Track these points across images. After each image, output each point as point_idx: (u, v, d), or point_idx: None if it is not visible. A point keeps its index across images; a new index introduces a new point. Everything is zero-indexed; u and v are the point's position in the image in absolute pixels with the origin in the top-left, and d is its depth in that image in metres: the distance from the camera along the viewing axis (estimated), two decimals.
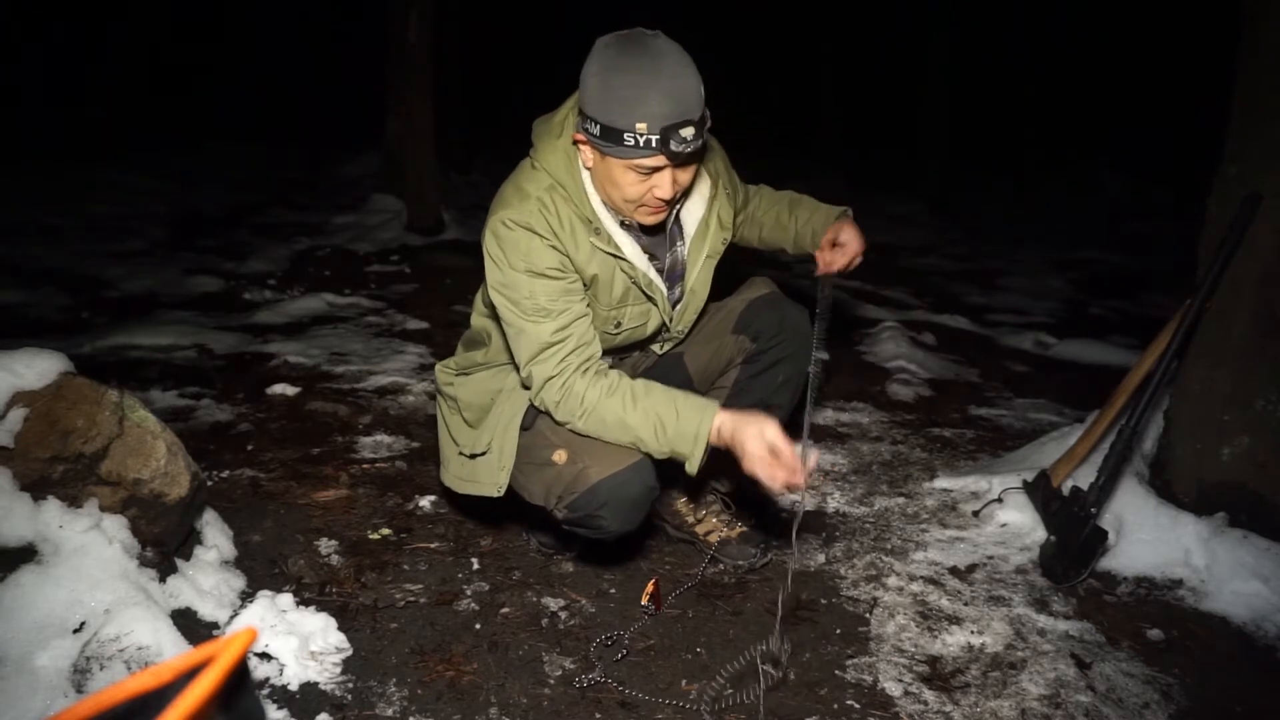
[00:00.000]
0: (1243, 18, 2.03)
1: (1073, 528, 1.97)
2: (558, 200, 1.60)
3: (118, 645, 1.39)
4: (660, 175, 1.52)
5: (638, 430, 1.59)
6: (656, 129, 1.44)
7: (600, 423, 1.61)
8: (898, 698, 1.61)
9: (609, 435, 1.62)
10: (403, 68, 5.78)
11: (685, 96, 1.45)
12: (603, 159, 1.53)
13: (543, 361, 1.60)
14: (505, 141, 2.06)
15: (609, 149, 1.49)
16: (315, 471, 2.39)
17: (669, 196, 1.55)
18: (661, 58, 1.45)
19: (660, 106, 1.43)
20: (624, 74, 1.44)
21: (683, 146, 1.45)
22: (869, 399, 3.23)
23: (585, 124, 1.51)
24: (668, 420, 1.57)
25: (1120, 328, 4.86)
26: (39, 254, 4.96)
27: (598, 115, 1.47)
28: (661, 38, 1.49)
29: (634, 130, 1.44)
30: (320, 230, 6.00)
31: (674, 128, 1.44)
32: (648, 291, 1.71)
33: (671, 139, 1.44)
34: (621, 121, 1.44)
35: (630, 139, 1.45)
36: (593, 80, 1.48)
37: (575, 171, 1.62)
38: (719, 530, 2.05)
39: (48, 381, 1.63)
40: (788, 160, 10.61)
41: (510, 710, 1.53)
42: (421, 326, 3.95)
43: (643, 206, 1.58)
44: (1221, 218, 2.01)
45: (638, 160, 1.48)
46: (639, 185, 1.53)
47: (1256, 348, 2.01)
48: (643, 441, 1.60)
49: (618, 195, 1.57)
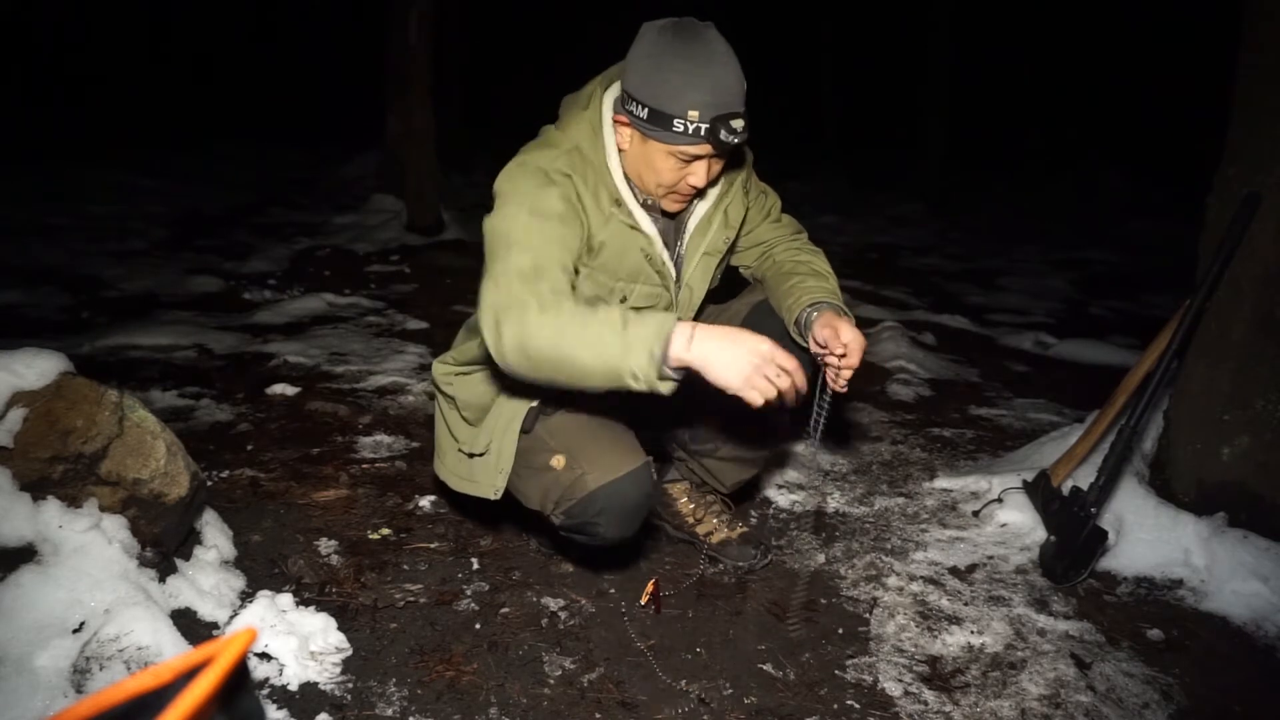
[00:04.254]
0: (1242, 17, 2.03)
1: (1073, 528, 1.97)
2: (580, 162, 1.59)
3: (117, 645, 1.39)
4: (699, 164, 1.52)
5: (594, 329, 1.38)
6: (708, 118, 1.44)
7: (556, 337, 1.39)
8: (898, 698, 1.61)
9: (563, 350, 1.39)
10: (403, 68, 5.78)
11: (735, 89, 1.47)
12: (644, 142, 1.53)
13: (505, 290, 1.44)
14: (505, 141, 2.05)
15: (654, 133, 1.49)
16: (315, 471, 2.39)
17: (702, 185, 1.55)
18: (714, 48, 1.47)
19: (713, 96, 1.44)
20: (678, 60, 1.45)
21: (731, 137, 1.46)
22: (869, 399, 3.23)
23: (629, 105, 1.51)
24: (630, 319, 1.39)
25: (1120, 328, 4.86)
26: (39, 254, 4.96)
27: (647, 99, 1.47)
28: (713, 29, 1.50)
29: (685, 117, 1.45)
30: (320, 230, 6.00)
31: (725, 118, 1.45)
32: (660, 271, 1.68)
33: (722, 129, 1.45)
34: (673, 107, 1.45)
35: (680, 125, 1.45)
36: (644, 64, 1.48)
37: (599, 146, 1.61)
38: (719, 530, 2.05)
39: (47, 381, 1.63)
40: (788, 160, 10.61)
41: (510, 710, 1.53)
42: (421, 326, 3.95)
43: (673, 193, 1.58)
44: (1221, 218, 2.01)
45: (683, 147, 1.49)
46: (675, 172, 1.54)
47: (1256, 348, 2.01)
48: (602, 342, 1.38)
49: (652, 179, 1.56)
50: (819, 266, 1.82)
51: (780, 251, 1.87)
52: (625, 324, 1.38)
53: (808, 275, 1.78)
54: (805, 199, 8.91)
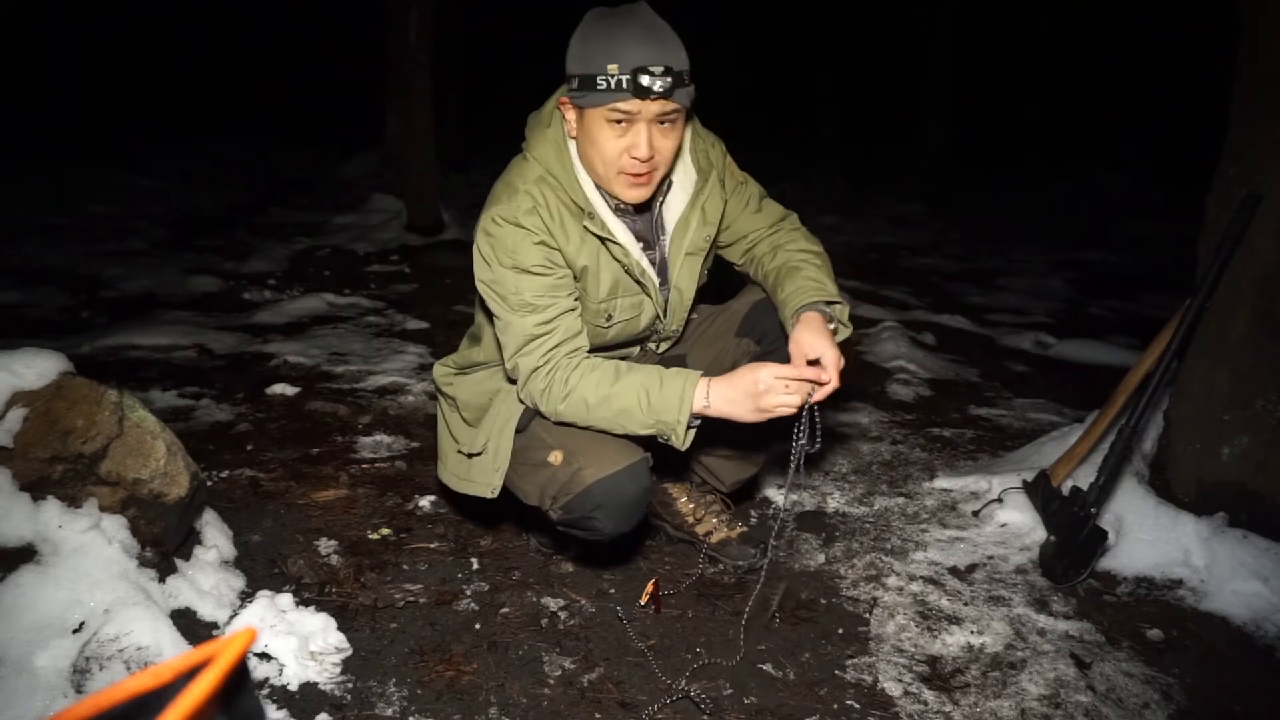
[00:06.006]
0: (1241, 17, 2.03)
1: (1073, 528, 1.97)
2: (547, 192, 1.61)
3: (117, 645, 1.39)
4: (637, 129, 1.52)
5: (622, 401, 1.57)
6: (628, 69, 1.47)
7: (583, 403, 1.59)
8: (898, 698, 1.61)
9: (594, 415, 1.60)
10: (403, 68, 5.78)
11: (659, 44, 1.49)
12: (582, 117, 1.56)
13: (528, 354, 1.61)
14: (504, 141, 2.05)
15: (585, 99, 1.52)
16: (315, 471, 2.39)
17: (645, 155, 1.53)
18: (637, 14, 1.52)
19: (632, 50, 1.47)
20: (599, 28, 1.51)
21: (653, 83, 1.47)
22: (869, 399, 3.23)
23: (568, 85, 1.55)
24: (651, 388, 1.56)
25: (1120, 328, 4.86)
26: (39, 254, 4.97)
27: (575, 69, 1.52)
28: (644, 4, 1.54)
29: (605, 72, 1.48)
30: (320, 230, 6.00)
31: (643, 67, 1.46)
32: (640, 279, 1.70)
33: (643, 76, 1.46)
34: (594, 66, 1.49)
35: (603, 82, 1.48)
36: (573, 41, 1.54)
37: (566, 159, 1.64)
38: (719, 530, 2.05)
39: (47, 381, 1.63)
40: (788, 160, 10.61)
41: (510, 710, 1.53)
42: (421, 326, 3.95)
43: (622, 174, 1.58)
44: (1221, 218, 2.01)
45: (613, 105, 1.50)
46: (615, 142, 1.54)
47: (1256, 348, 2.01)
48: (628, 414, 1.58)
49: (598, 159, 1.57)
50: (800, 261, 1.78)
51: (763, 247, 1.86)
52: (648, 396, 1.56)
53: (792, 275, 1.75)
54: (805, 199, 8.90)
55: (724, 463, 2.03)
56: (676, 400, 1.55)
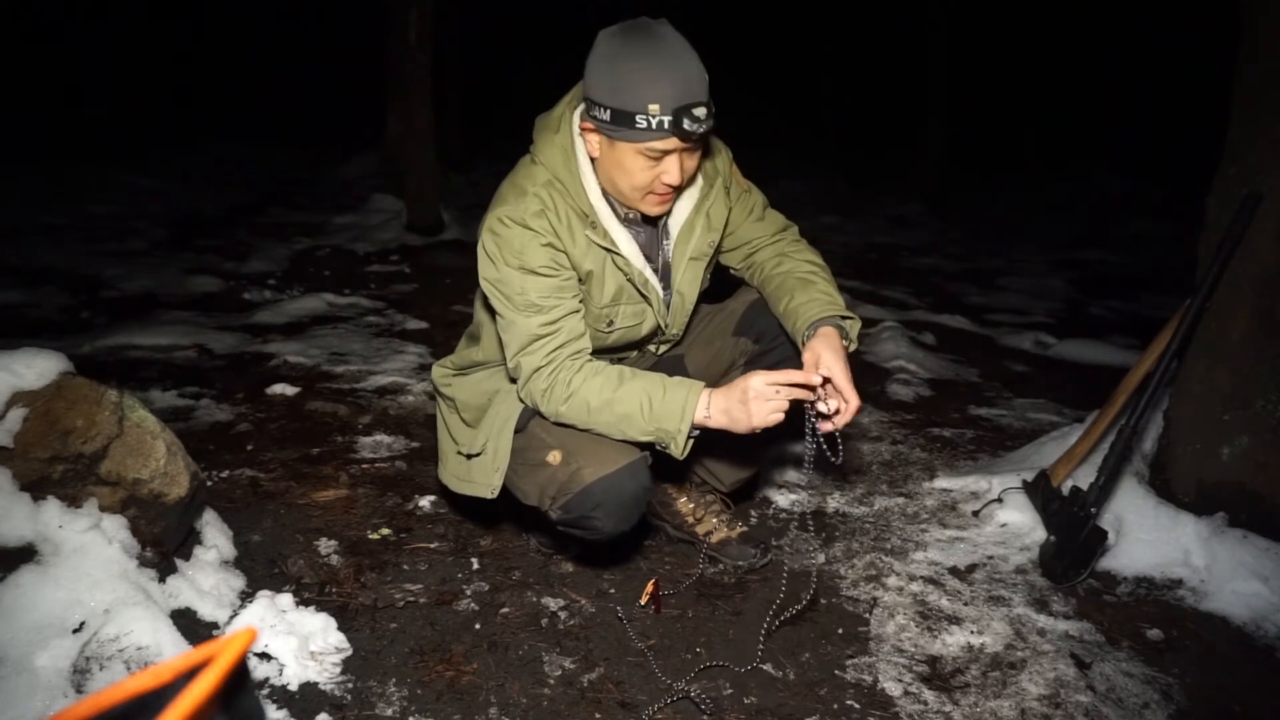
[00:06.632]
0: (1241, 17, 2.03)
1: (1073, 528, 1.97)
2: (555, 196, 1.61)
3: (117, 645, 1.39)
4: (669, 160, 1.53)
5: (624, 406, 1.57)
6: (669, 110, 1.45)
7: (585, 405, 1.59)
8: (898, 698, 1.61)
9: (595, 419, 1.60)
10: (402, 68, 5.78)
11: (694, 78, 1.47)
12: (611, 145, 1.54)
13: (531, 353, 1.62)
14: (505, 141, 2.05)
15: (619, 133, 1.50)
16: (315, 471, 2.39)
17: (677, 182, 1.55)
18: (668, 42, 1.48)
19: (672, 88, 1.45)
20: (633, 59, 1.46)
21: (695, 127, 1.46)
22: (869, 399, 3.23)
23: (593, 111, 1.52)
24: (654, 395, 1.57)
25: (1120, 328, 4.86)
26: (39, 254, 4.96)
27: (607, 100, 1.48)
28: (665, 24, 1.51)
29: (646, 112, 1.46)
30: (320, 230, 6.00)
31: (686, 108, 1.45)
32: (643, 290, 1.71)
33: (685, 119, 1.45)
34: (633, 104, 1.46)
35: (643, 121, 1.46)
36: (600, 66, 1.49)
37: (573, 166, 1.63)
38: (719, 530, 2.05)
39: (47, 381, 1.63)
40: (788, 160, 10.61)
41: (510, 710, 1.53)
42: (421, 326, 3.95)
43: (650, 194, 1.59)
44: (1221, 218, 2.01)
45: (649, 143, 1.49)
46: (648, 171, 1.54)
47: (1256, 348, 2.01)
48: (629, 420, 1.58)
49: (626, 183, 1.57)
50: (808, 272, 1.78)
51: (766, 253, 1.86)
52: (651, 403, 1.56)
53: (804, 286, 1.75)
54: (805, 199, 8.91)
55: (724, 463, 2.03)
56: (678, 409, 1.56)
